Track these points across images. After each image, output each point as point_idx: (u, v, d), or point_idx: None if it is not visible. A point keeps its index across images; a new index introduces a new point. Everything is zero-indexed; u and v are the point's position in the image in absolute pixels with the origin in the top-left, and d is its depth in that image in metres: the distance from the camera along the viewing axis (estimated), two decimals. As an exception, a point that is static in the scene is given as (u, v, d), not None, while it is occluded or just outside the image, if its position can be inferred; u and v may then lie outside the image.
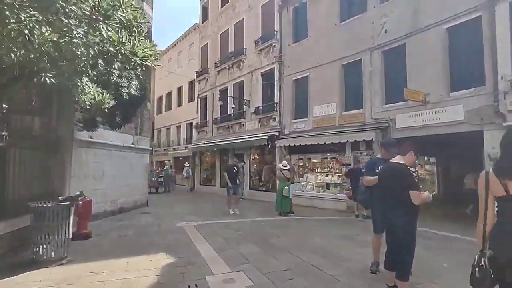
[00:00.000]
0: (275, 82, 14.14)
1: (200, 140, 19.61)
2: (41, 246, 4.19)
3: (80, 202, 5.56)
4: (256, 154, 15.63)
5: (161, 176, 17.53)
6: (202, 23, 20.68)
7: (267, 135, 13.56)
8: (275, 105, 13.92)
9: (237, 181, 10.55)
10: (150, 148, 11.34)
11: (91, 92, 3.47)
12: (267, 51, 14.66)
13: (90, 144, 7.74)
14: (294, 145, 12.47)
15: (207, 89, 19.52)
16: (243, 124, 15.96)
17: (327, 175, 12.16)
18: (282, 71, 13.85)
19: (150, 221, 8.09)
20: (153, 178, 16.83)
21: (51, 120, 6.21)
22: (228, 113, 17.20)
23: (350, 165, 10.90)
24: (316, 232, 6.93)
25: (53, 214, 4.27)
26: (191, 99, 22.14)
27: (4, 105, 5.01)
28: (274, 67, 14.26)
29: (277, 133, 13.63)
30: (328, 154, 12.05)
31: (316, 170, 12.55)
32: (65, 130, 6.35)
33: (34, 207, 4.24)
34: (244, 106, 15.71)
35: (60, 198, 4.49)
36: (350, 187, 10.33)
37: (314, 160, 12.62)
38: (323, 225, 8.20)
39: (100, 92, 3.91)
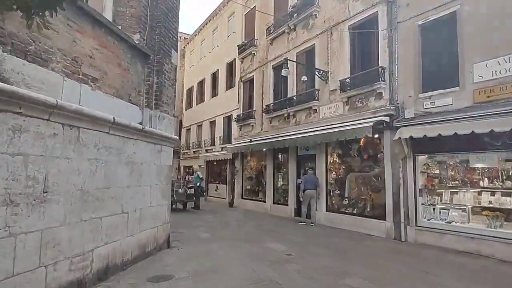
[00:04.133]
0: (379, 35, 8.52)
1: (243, 137, 14.32)
2: None
3: None
4: (335, 156, 9.97)
5: (192, 187, 12.31)
6: (247, -19, 15.61)
7: (372, 122, 7.90)
8: (381, 72, 8.27)
9: None
10: (176, 137, 6.09)
11: None
12: (363, -12, 9.13)
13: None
14: (432, 136, 6.66)
15: (254, 67, 14.26)
16: (315, 110, 10.41)
17: (506, 194, 6.23)
18: (394, 14, 8.21)
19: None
20: (180, 190, 11.64)
21: None
22: (288, 95, 11.77)
23: None
24: None
25: None
26: (230, 85, 17.03)
27: None
28: (376, 12, 8.65)
29: (387, 118, 7.94)
30: (516, 153, 6.14)
31: (479, 184, 6.66)
32: None
33: None
34: (321, 80, 10.16)
35: None
36: None
37: (477, 165, 6.72)
38: None
39: None
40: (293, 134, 10.68)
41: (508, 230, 6.00)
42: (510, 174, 6.20)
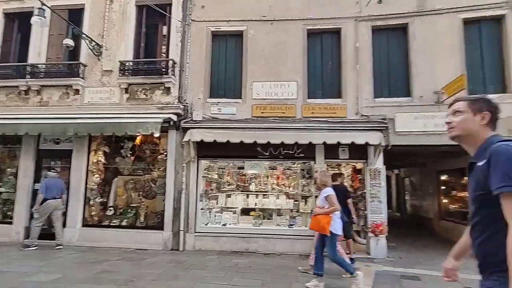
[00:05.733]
0: (172, 26, 7.76)
1: None
2: None
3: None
4: (101, 154, 7.90)
5: None
6: None
7: (160, 118, 6.88)
8: (172, 65, 7.52)
9: None
10: None
11: None
12: (159, -35, 7.96)
13: None
14: (220, 142, 6.84)
15: (-43, -2, 8.58)
16: (78, 90, 7.76)
17: (265, 196, 7.51)
18: (189, 10, 7.82)
19: None
20: None
21: None
22: (30, 61, 8.03)
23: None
24: None
25: None
26: None
27: None
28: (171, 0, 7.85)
29: (174, 117, 7.27)
30: (277, 161, 7.52)
31: (250, 188, 7.57)
32: None
33: None
34: (93, 54, 7.66)
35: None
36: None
37: (249, 171, 7.57)
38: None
39: None
40: (35, 118, 7.32)
41: (267, 226, 7.20)
42: (269, 179, 7.56)
